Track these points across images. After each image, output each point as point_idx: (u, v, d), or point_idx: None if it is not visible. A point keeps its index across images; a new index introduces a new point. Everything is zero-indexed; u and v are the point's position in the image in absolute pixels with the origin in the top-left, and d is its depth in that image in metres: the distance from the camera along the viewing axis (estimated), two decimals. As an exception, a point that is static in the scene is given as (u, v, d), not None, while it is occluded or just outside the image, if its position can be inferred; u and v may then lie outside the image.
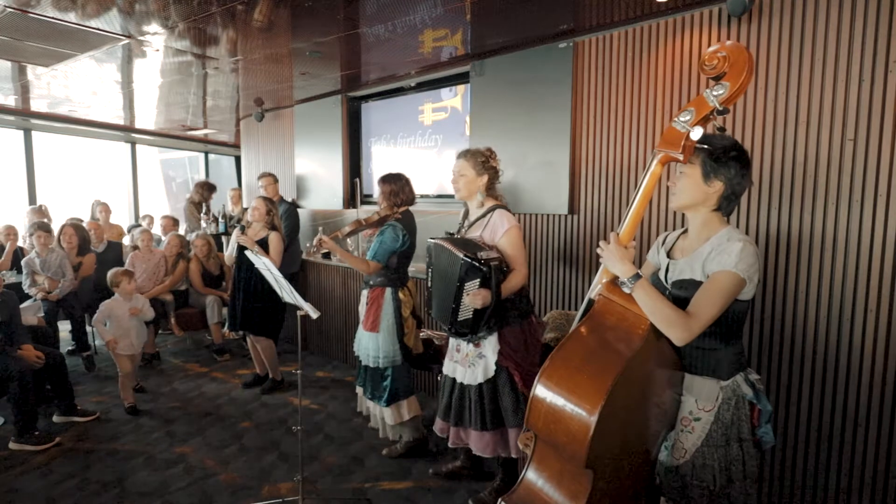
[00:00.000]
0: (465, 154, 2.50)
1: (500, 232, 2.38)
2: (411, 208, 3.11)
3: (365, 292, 3.08)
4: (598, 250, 1.62)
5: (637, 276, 1.53)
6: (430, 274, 2.52)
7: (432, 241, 2.47)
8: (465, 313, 2.31)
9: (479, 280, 2.23)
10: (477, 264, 2.21)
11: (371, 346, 3.00)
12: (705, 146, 1.56)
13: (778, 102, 2.40)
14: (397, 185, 3.03)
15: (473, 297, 2.24)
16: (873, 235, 2.20)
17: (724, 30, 2.53)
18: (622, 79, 2.92)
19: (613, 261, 1.56)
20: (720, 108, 1.46)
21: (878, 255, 2.20)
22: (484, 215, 2.47)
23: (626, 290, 1.54)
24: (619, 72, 2.94)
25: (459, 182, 2.49)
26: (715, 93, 1.46)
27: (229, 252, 3.96)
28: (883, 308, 2.20)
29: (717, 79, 1.48)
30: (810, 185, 2.34)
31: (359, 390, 3.20)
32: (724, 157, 1.54)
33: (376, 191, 3.13)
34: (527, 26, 3.05)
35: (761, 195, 2.47)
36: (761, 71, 2.44)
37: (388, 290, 3.00)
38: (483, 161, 2.46)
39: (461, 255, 2.24)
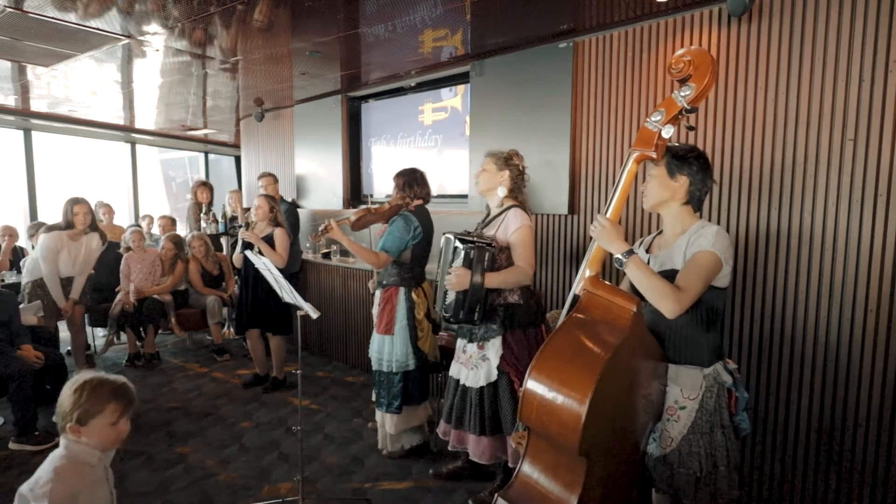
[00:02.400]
0: (490, 152, 2.53)
1: (511, 229, 2.37)
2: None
3: (378, 293, 2.96)
4: (591, 229, 1.68)
5: (630, 252, 1.62)
6: (440, 267, 2.51)
7: (446, 234, 2.49)
8: (450, 296, 2.31)
9: (461, 260, 2.24)
10: (460, 244, 2.24)
11: (385, 349, 2.88)
12: (668, 150, 1.72)
13: (778, 102, 2.40)
14: (411, 177, 2.94)
15: (449, 276, 2.26)
16: (873, 235, 2.20)
17: (724, 30, 2.53)
18: (622, 79, 2.92)
19: (608, 239, 1.64)
20: (688, 108, 1.59)
21: (878, 255, 2.20)
22: (500, 214, 2.45)
23: (620, 266, 1.62)
24: (619, 72, 2.94)
25: (481, 176, 2.51)
26: (682, 94, 1.59)
27: (237, 252, 3.95)
28: (883, 308, 2.20)
29: (684, 81, 1.61)
30: (810, 185, 2.34)
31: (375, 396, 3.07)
32: (686, 156, 1.71)
33: (377, 190, 3.11)
34: (527, 26, 3.05)
35: (762, 195, 2.47)
36: (761, 71, 2.44)
37: (402, 291, 2.87)
38: (505, 158, 2.48)
39: (453, 237, 2.30)
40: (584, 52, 3.08)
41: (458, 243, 2.26)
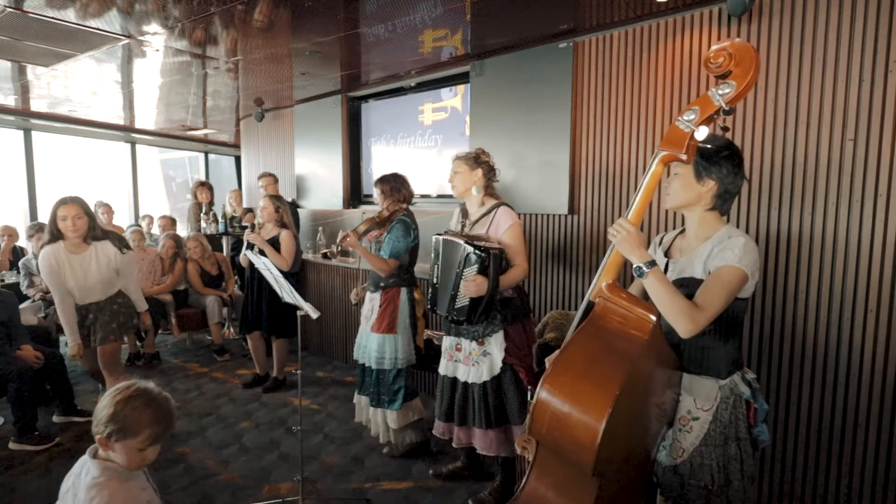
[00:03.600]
0: (458, 156, 2.62)
1: (503, 227, 2.44)
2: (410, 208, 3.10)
3: (376, 295, 2.99)
4: (611, 234, 1.52)
5: (653, 263, 1.48)
6: (435, 270, 2.54)
7: (439, 236, 2.52)
8: (462, 300, 2.36)
9: (476, 267, 2.29)
10: (476, 251, 2.28)
11: (387, 348, 2.94)
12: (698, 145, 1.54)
13: (778, 102, 2.40)
14: (396, 182, 3.04)
15: (468, 283, 2.29)
16: (873, 235, 2.20)
17: (724, 30, 2.53)
18: (622, 79, 2.92)
19: (630, 246, 1.48)
20: (726, 108, 1.41)
21: (878, 255, 2.20)
22: (487, 213, 2.52)
23: (640, 276, 1.50)
24: (619, 72, 2.94)
25: (455, 179, 2.59)
26: (721, 92, 1.41)
27: (243, 253, 3.94)
28: (883, 308, 2.19)
29: (723, 77, 1.43)
30: (810, 185, 2.34)
31: (358, 399, 3.13)
32: (716, 156, 1.55)
33: (376, 192, 3.12)
34: (527, 26, 3.05)
35: (761, 195, 2.47)
36: (761, 71, 2.44)
37: (404, 290, 2.97)
38: (474, 157, 2.58)
39: (462, 243, 2.34)
40: (584, 52, 3.08)
41: (470, 249, 2.30)
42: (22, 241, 5.10)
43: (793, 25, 2.34)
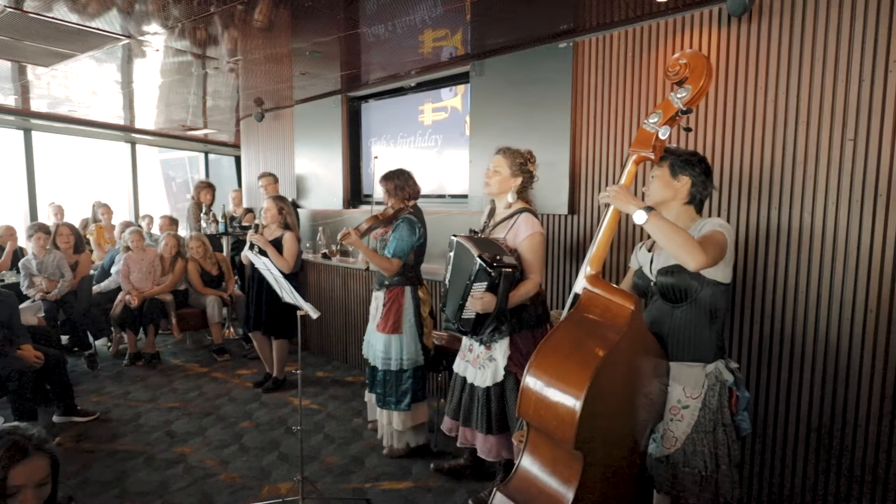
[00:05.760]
0: (505, 151, 2.43)
1: (521, 235, 2.34)
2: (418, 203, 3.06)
3: (380, 293, 2.98)
4: (603, 198, 1.69)
5: (650, 207, 1.62)
6: (448, 270, 2.44)
7: (456, 237, 2.40)
8: (468, 313, 2.29)
9: (486, 284, 2.18)
10: (487, 268, 2.15)
11: (393, 348, 2.93)
12: (672, 152, 1.79)
13: (778, 102, 2.40)
14: (401, 179, 2.98)
15: (475, 301, 2.22)
16: (873, 235, 2.20)
17: (724, 30, 2.53)
18: (622, 79, 2.92)
19: (625, 200, 1.65)
20: (684, 109, 1.63)
21: (878, 255, 2.20)
22: (510, 217, 2.41)
23: (641, 222, 1.61)
24: (619, 72, 2.94)
25: (492, 178, 2.42)
26: (679, 95, 1.64)
27: (244, 252, 3.93)
28: (883, 308, 2.19)
29: (680, 83, 1.65)
30: (810, 184, 2.34)
31: (369, 397, 3.13)
32: (690, 157, 1.79)
33: (377, 190, 3.11)
34: (527, 26, 3.05)
35: (762, 195, 2.48)
36: (761, 71, 2.44)
37: (408, 289, 2.94)
38: (521, 163, 2.40)
39: (476, 255, 2.19)
40: (584, 52, 3.08)
41: (482, 265, 2.16)
42: (21, 242, 5.10)
43: (793, 25, 2.35)
